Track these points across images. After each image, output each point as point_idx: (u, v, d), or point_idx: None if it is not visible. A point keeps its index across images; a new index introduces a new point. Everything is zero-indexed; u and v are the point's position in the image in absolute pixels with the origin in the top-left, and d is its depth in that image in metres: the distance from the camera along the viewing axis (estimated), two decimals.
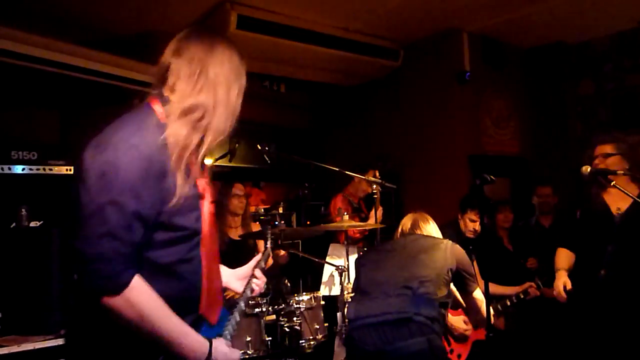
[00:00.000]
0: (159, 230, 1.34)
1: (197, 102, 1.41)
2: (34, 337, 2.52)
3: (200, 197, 1.44)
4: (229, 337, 1.66)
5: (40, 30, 3.79)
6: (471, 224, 3.57)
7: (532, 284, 3.70)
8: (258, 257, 2.00)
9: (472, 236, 3.60)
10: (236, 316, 1.74)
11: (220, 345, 1.46)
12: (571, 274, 2.97)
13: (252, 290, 1.88)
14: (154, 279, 1.32)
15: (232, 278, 1.92)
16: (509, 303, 3.66)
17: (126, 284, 1.25)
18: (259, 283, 1.89)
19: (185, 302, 1.41)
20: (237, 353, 1.54)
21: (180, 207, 1.34)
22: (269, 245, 2.12)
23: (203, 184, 1.47)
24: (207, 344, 1.40)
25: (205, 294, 1.48)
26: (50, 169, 3.51)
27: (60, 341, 2.53)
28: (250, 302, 1.92)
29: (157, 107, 1.42)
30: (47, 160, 3.52)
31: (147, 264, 1.32)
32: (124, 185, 1.26)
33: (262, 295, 3.13)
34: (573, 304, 2.88)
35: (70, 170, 3.58)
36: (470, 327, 3.19)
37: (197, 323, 1.48)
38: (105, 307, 1.25)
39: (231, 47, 1.52)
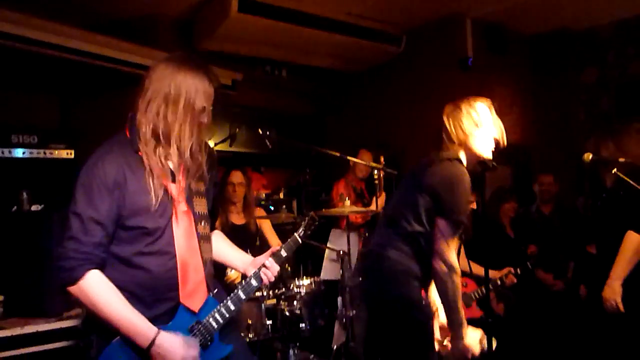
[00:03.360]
0: (119, 229, 1.63)
1: (159, 119, 1.63)
2: (37, 320, 2.54)
3: (170, 199, 1.69)
4: (214, 324, 1.69)
5: (40, 13, 3.75)
6: None
7: (511, 269, 3.68)
8: (276, 247, 1.97)
9: None
10: (229, 304, 1.75)
11: (168, 337, 1.61)
12: None
13: (261, 280, 1.87)
14: (120, 269, 1.63)
15: (251, 266, 1.93)
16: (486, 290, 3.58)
17: (81, 276, 1.56)
18: (269, 274, 1.88)
19: (156, 291, 1.65)
20: (190, 350, 1.63)
21: (136, 210, 1.62)
22: (297, 234, 2.02)
23: (175, 188, 1.71)
24: (153, 333, 1.59)
25: (183, 284, 1.68)
26: (51, 153, 3.50)
27: (63, 324, 2.55)
28: (255, 291, 1.90)
29: (128, 128, 1.70)
30: (47, 143, 3.51)
31: (112, 256, 1.63)
32: (82, 198, 1.59)
33: None
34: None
35: (70, 154, 3.57)
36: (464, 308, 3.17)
37: (173, 311, 1.68)
38: (69, 294, 1.58)
39: (199, 68, 1.70)
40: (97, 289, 1.57)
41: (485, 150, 2.32)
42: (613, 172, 2.69)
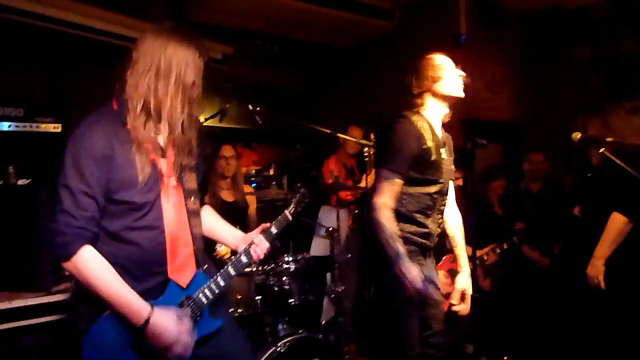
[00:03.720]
0: (108, 203, 1.61)
1: (149, 93, 1.61)
2: (25, 294, 2.54)
3: (159, 174, 1.67)
4: (204, 299, 1.70)
5: None
6: None
7: (496, 245, 3.72)
8: (267, 224, 1.98)
9: None
10: (218, 280, 1.76)
11: (162, 315, 1.59)
12: None
13: (250, 256, 1.88)
14: (109, 243, 1.62)
15: (242, 242, 1.93)
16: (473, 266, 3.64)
17: (74, 252, 1.55)
18: (258, 250, 1.89)
19: (145, 266, 1.65)
20: (183, 326, 1.63)
21: (124, 184, 1.60)
22: (287, 211, 2.03)
23: (164, 163, 1.69)
24: (147, 311, 1.58)
25: (172, 259, 1.68)
26: (38, 126, 3.45)
27: (51, 298, 2.55)
28: (245, 267, 1.92)
29: (116, 100, 1.66)
30: (34, 117, 3.45)
31: (101, 231, 1.62)
32: (71, 171, 1.56)
33: None
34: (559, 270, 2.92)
35: (58, 127, 3.52)
36: (449, 281, 3.20)
37: (164, 285, 1.68)
38: (65, 269, 1.58)
39: (188, 40, 1.67)
40: (91, 266, 1.57)
41: (454, 90, 2.49)
42: (601, 151, 2.70)
